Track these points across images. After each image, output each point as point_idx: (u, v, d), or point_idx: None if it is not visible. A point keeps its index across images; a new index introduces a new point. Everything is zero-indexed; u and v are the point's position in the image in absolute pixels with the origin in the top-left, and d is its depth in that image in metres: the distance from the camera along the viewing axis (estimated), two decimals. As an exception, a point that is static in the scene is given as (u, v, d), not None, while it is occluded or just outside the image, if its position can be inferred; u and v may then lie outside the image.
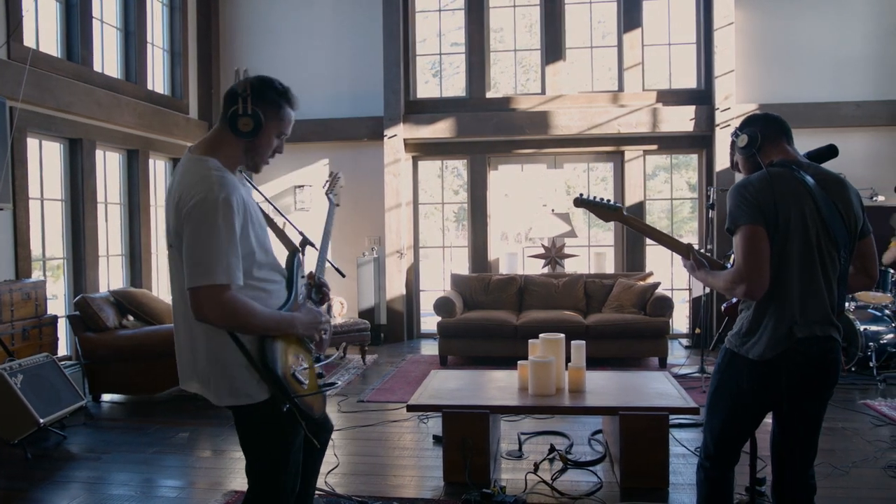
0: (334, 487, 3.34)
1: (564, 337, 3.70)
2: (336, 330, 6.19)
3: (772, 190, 1.98)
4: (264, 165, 1.97)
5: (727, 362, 2.12)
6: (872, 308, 5.65)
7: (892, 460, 3.59)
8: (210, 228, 1.72)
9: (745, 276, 1.96)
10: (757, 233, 1.96)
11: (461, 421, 3.33)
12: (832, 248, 2.01)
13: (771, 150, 2.12)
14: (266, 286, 1.90)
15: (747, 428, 2.18)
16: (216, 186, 1.74)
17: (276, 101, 1.90)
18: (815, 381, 2.04)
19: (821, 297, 2.00)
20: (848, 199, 2.05)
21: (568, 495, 3.21)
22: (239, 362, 1.80)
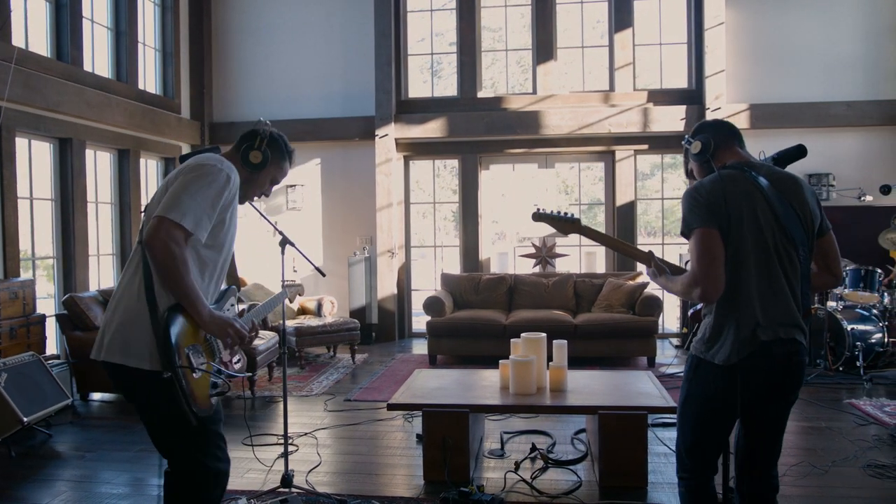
0: (314, 486, 3.35)
1: (546, 336, 3.71)
2: (325, 329, 6.21)
3: (723, 192, 1.97)
4: (248, 201, 2.29)
5: (694, 369, 2.10)
6: (860, 308, 5.66)
7: (872, 459, 3.60)
8: (203, 183, 1.94)
9: (700, 280, 1.94)
10: (710, 235, 1.94)
11: (441, 420, 3.35)
12: (790, 248, 2.00)
13: (724, 154, 2.11)
14: (201, 278, 2.02)
15: (719, 434, 2.13)
16: (226, 165, 2.03)
17: (283, 153, 2.27)
18: (780, 384, 2.01)
19: (783, 298, 1.98)
20: (803, 198, 2.03)
21: (547, 494, 3.22)
22: (143, 325, 1.90)
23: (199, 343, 2.00)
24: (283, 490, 3.21)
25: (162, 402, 1.91)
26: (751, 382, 1.98)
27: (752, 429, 2.11)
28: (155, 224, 1.87)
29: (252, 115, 7.74)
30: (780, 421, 2.10)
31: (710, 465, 2.16)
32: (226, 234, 2.06)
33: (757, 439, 2.11)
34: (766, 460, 2.13)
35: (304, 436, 4.20)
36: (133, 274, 1.98)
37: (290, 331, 6.10)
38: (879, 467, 3.49)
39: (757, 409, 2.04)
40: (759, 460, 2.12)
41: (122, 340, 1.93)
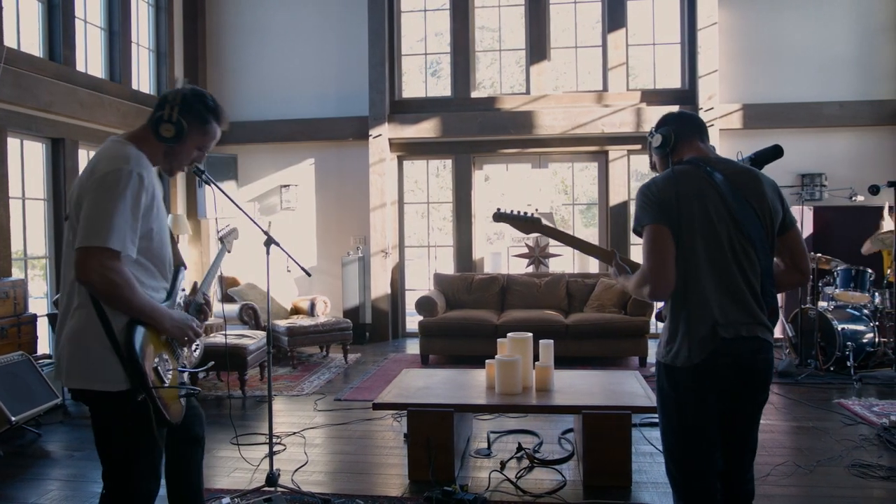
0: (300, 485, 3.36)
1: (532, 336, 3.71)
2: (318, 329, 6.22)
3: (675, 189, 1.93)
4: (179, 171, 2.11)
5: (660, 377, 2.03)
6: (851, 308, 5.66)
7: (857, 459, 3.60)
8: (115, 195, 1.77)
9: (649, 278, 1.91)
10: (660, 233, 1.91)
11: (426, 419, 3.35)
12: (746, 245, 1.94)
13: (684, 148, 2.06)
14: (150, 279, 1.94)
15: (706, 445, 1.97)
16: (132, 162, 1.83)
17: (204, 116, 1.98)
18: (747, 383, 1.96)
19: (741, 296, 1.92)
20: (761, 194, 1.97)
21: (531, 493, 3.23)
22: (102, 345, 1.79)
23: (162, 350, 1.92)
24: (267, 489, 3.22)
25: (130, 425, 1.83)
26: (716, 382, 1.93)
27: (723, 431, 2.02)
28: (80, 260, 1.73)
29: (247, 114, 7.77)
30: (751, 423, 2.04)
31: (706, 481, 1.98)
32: (159, 231, 1.94)
33: (728, 443, 2.03)
34: (741, 463, 2.05)
35: (292, 435, 4.21)
36: (75, 292, 1.84)
37: (282, 330, 6.11)
38: (864, 467, 3.49)
39: (727, 411, 1.98)
40: (732, 465, 2.04)
41: (80, 364, 1.82)
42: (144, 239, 1.87)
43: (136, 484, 1.90)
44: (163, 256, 1.98)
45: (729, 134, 7.13)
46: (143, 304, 1.82)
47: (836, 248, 6.48)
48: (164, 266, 2.00)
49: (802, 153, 7.13)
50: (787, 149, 8.18)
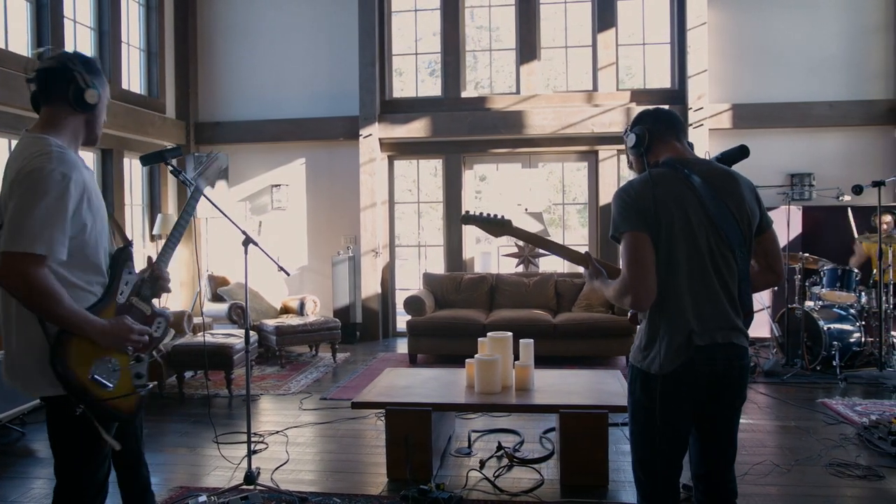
0: (279, 483, 3.38)
1: (513, 335, 3.72)
2: (306, 328, 6.23)
3: (653, 193, 1.89)
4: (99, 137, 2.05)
5: (633, 380, 2.01)
6: (837, 307, 5.67)
7: (835, 458, 3.61)
8: (38, 198, 1.68)
9: (630, 287, 1.87)
10: (639, 240, 1.86)
11: (404, 418, 3.37)
12: (725, 250, 1.91)
13: (660, 148, 2.02)
14: (85, 275, 1.86)
15: (673, 452, 1.97)
16: (55, 159, 1.73)
17: (100, 71, 1.93)
18: (721, 390, 1.94)
19: (718, 302, 1.90)
20: (739, 195, 1.94)
21: (507, 492, 3.24)
22: (41, 349, 1.76)
23: (102, 353, 1.83)
24: (245, 487, 3.23)
25: (76, 427, 1.82)
26: (690, 390, 1.91)
27: (701, 437, 2.04)
28: (5, 263, 1.66)
29: (238, 114, 7.78)
30: (729, 427, 2.02)
31: (671, 487, 2.01)
32: (94, 224, 1.85)
33: (708, 447, 2.04)
34: (721, 467, 2.05)
35: (274, 434, 4.22)
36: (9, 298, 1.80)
37: (271, 329, 6.13)
38: (841, 466, 3.50)
39: (703, 417, 1.98)
40: (712, 467, 2.05)
41: (26, 371, 1.79)
42: (79, 235, 1.80)
43: (84, 481, 1.89)
44: (98, 250, 1.89)
45: (718, 134, 7.14)
46: (70, 316, 1.73)
47: (824, 248, 6.50)
48: (99, 260, 1.90)
49: (792, 153, 7.15)
50: (777, 148, 8.25)
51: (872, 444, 3.79)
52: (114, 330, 1.84)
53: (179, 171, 2.78)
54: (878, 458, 3.63)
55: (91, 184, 1.88)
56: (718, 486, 2.06)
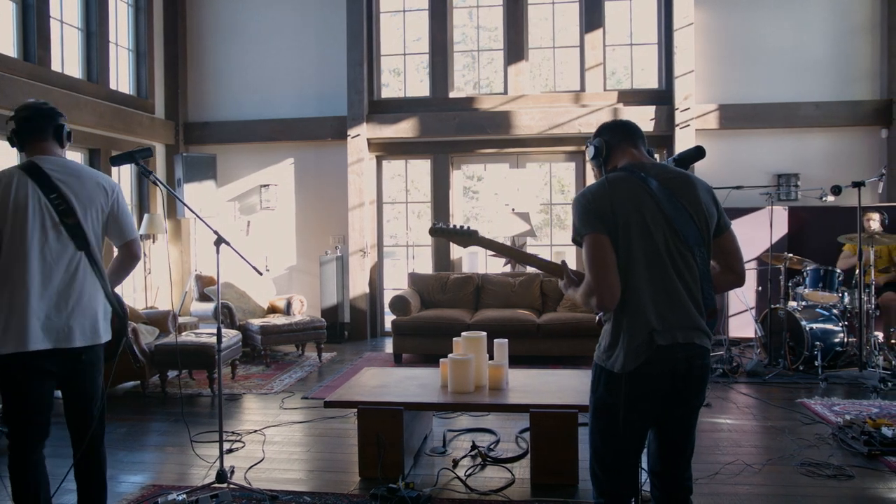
0: (251, 482, 3.39)
1: (486, 335, 3.74)
2: (291, 328, 6.26)
3: (610, 197, 1.94)
4: None
5: (596, 378, 2.05)
6: (820, 308, 5.68)
7: (807, 458, 3.62)
8: None
9: (594, 289, 1.91)
10: (599, 243, 1.91)
11: (375, 417, 3.39)
12: (684, 250, 1.95)
13: (617, 156, 2.09)
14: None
15: (630, 447, 2.02)
16: None
17: None
18: (681, 390, 1.97)
19: (679, 301, 1.93)
20: (696, 197, 1.98)
21: (477, 491, 3.25)
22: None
23: None
24: (217, 486, 3.25)
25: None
26: (652, 389, 1.94)
27: (659, 435, 2.08)
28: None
29: (227, 114, 7.81)
30: (687, 426, 2.05)
31: (627, 483, 2.06)
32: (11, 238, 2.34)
33: (665, 445, 2.07)
34: (677, 464, 2.09)
35: (253, 433, 4.24)
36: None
37: (255, 329, 6.15)
38: (813, 465, 3.51)
39: (662, 415, 2.01)
40: (669, 465, 2.08)
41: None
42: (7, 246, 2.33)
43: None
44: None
45: (705, 134, 7.15)
46: None
47: (810, 248, 6.51)
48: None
49: (778, 153, 7.16)
50: (763, 149, 8.23)
51: (846, 443, 3.81)
52: None
53: (149, 171, 2.89)
54: (851, 457, 3.64)
55: (9, 200, 2.38)
56: (674, 482, 2.11)
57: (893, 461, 3.53)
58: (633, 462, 2.05)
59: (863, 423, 3.84)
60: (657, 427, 2.06)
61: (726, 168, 7.09)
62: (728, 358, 5.61)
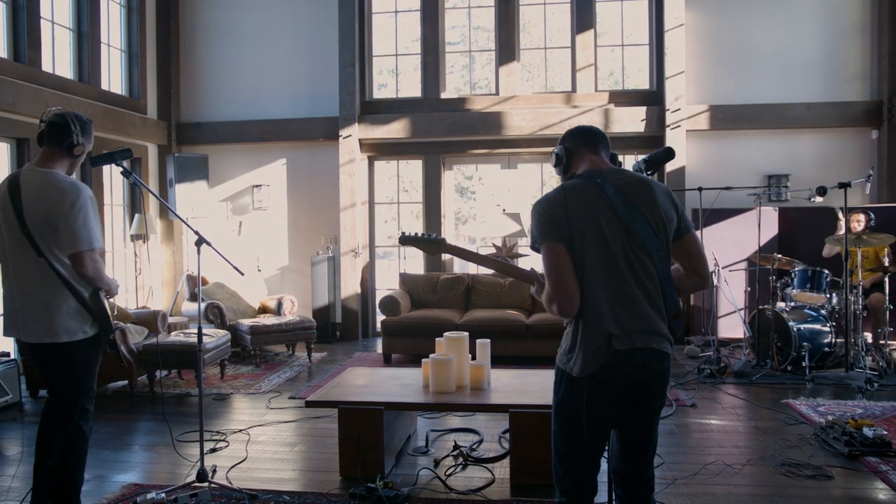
0: (233, 481, 3.41)
1: (468, 335, 3.75)
2: (281, 328, 6.28)
3: (565, 205, 1.96)
4: None
5: (557, 381, 2.07)
6: (808, 308, 5.69)
7: (788, 458, 3.63)
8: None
9: (553, 296, 1.94)
10: (556, 250, 1.94)
11: (356, 417, 3.40)
12: (642, 255, 1.96)
13: (578, 163, 2.11)
14: None
15: (591, 448, 2.04)
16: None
17: (91, 134, 2.80)
18: (640, 394, 1.99)
19: (637, 306, 1.95)
20: (653, 201, 1.99)
21: (456, 491, 3.27)
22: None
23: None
24: (198, 485, 3.26)
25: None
26: (610, 393, 1.96)
27: (620, 437, 2.09)
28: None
29: (219, 115, 7.82)
30: (647, 429, 2.07)
31: (588, 483, 2.08)
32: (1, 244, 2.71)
33: (626, 447, 2.09)
34: (639, 465, 2.10)
35: (238, 432, 4.25)
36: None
37: (245, 329, 6.16)
38: (793, 466, 3.52)
39: (622, 418, 2.03)
40: (631, 466, 2.10)
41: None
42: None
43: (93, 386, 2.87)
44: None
45: (696, 135, 7.16)
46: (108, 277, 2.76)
47: (800, 249, 6.52)
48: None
49: (769, 154, 7.17)
50: (754, 149, 8.24)
51: (828, 444, 3.82)
52: (115, 282, 2.84)
53: (130, 172, 2.93)
54: (832, 458, 3.65)
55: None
56: (635, 482, 2.13)
57: (873, 461, 3.54)
58: (594, 462, 2.07)
59: (845, 423, 3.85)
60: (619, 429, 2.08)
61: (717, 169, 7.10)
62: (716, 358, 5.62)
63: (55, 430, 2.74)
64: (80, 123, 2.71)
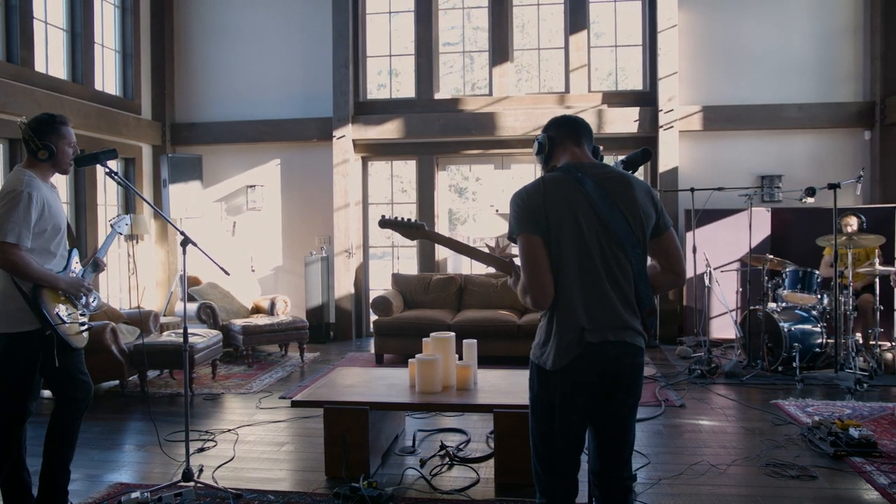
0: (219, 480, 3.42)
1: (454, 336, 3.76)
2: (273, 328, 6.29)
3: (543, 197, 1.96)
4: (70, 167, 2.97)
5: (532, 376, 2.07)
6: (800, 309, 5.70)
7: (773, 458, 3.64)
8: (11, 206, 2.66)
9: (527, 287, 1.95)
10: (532, 242, 1.94)
11: (341, 417, 3.41)
12: (617, 251, 1.96)
13: (559, 154, 2.11)
14: (48, 259, 2.81)
15: (568, 447, 2.03)
16: (24, 184, 2.71)
17: (55, 129, 2.81)
18: (613, 388, 1.99)
19: (609, 301, 1.95)
20: (631, 198, 1.99)
21: (440, 490, 3.28)
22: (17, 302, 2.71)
23: (64, 303, 2.81)
24: (183, 484, 3.27)
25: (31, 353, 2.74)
26: (583, 386, 1.96)
27: (596, 434, 2.09)
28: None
29: (213, 115, 7.84)
30: (623, 426, 2.06)
31: (566, 482, 2.06)
32: (52, 227, 2.79)
33: (602, 444, 2.08)
34: (615, 464, 2.09)
35: (226, 432, 4.26)
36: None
37: (238, 329, 6.18)
38: (778, 466, 3.53)
39: (596, 413, 2.02)
40: (607, 464, 2.09)
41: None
42: (40, 234, 2.74)
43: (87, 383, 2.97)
44: (57, 243, 2.84)
45: (689, 136, 7.17)
46: (41, 275, 2.70)
47: (792, 249, 6.53)
48: (58, 249, 2.85)
49: (762, 155, 7.18)
50: (747, 150, 8.24)
51: (814, 444, 3.82)
52: (72, 281, 2.86)
53: (114, 172, 2.95)
54: (817, 458, 3.66)
55: (52, 201, 2.82)
56: (613, 481, 2.11)
57: (858, 462, 3.55)
58: (572, 461, 2.06)
59: (831, 424, 3.85)
60: (593, 425, 2.08)
61: (710, 169, 7.11)
62: (707, 359, 5.63)
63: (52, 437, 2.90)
64: (37, 128, 2.76)
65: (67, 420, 2.88)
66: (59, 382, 2.86)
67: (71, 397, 2.87)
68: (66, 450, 2.91)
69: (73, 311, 2.86)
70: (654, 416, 4.49)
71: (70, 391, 2.87)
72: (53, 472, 2.88)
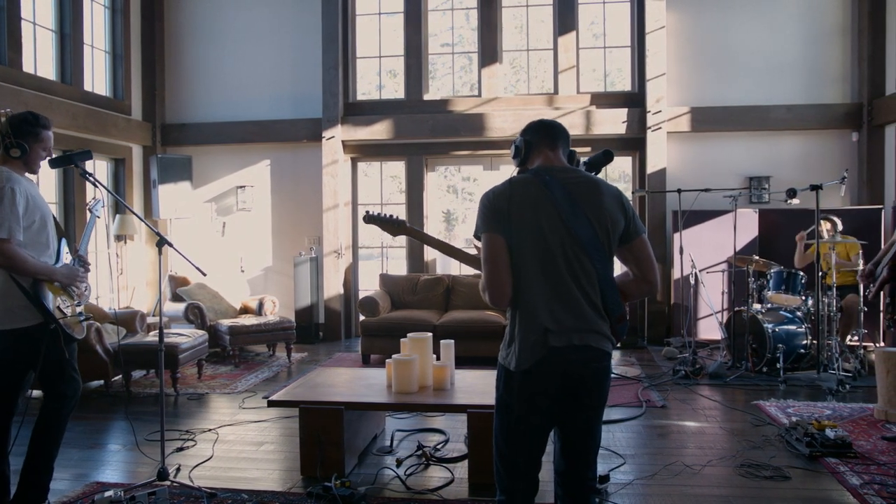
0: (195, 480, 3.43)
1: (431, 336, 3.77)
2: (260, 328, 6.31)
3: (508, 198, 1.98)
4: (39, 168, 2.97)
5: (497, 376, 2.08)
6: (784, 310, 5.71)
7: (748, 459, 3.65)
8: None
9: (486, 285, 1.97)
10: (494, 241, 1.96)
11: (316, 416, 3.43)
12: (581, 254, 1.97)
13: (534, 157, 2.13)
14: (41, 252, 2.84)
15: (531, 445, 2.04)
16: (3, 179, 2.75)
17: (33, 131, 2.84)
18: (577, 391, 2.00)
19: (574, 304, 1.96)
20: (598, 203, 1.99)
21: (414, 490, 3.29)
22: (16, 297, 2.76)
23: (62, 295, 2.87)
24: (158, 483, 3.29)
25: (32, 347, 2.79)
26: (546, 389, 1.97)
27: (561, 436, 2.09)
28: None
29: (203, 116, 7.86)
30: (588, 427, 2.06)
31: (527, 482, 2.08)
32: (40, 219, 2.83)
33: (566, 445, 2.09)
34: (579, 464, 2.10)
35: (207, 432, 4.28)
36: None
37: (224, 329, 6.19)
38: (753, 467, 3.54)
39: (561, 416, 2.03)
40: (571, 465, 2.10)
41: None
42: (29, 227, 2.77)
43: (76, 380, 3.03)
44: (47, 235, 2.87)
45: (677, 137, 7.19)
46: (37, 269, 2.75)
47: (779, 250, 6.54)
48: (49, 240, 2.89)
49: (750, 156, 7.19)
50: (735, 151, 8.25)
51: (791, 445, 3.83)
52: (68, 272, 2.91)
53: (89, 173, 2.98)
54: (793, 458, 3.67)
55: (34, 194, 2.84)
56: (577, 482, 2.12)
57: (832, 462, 3.56)
58: (534, 461, 2.07)
59: (808, 424, 3.87)
60: (558, 427, 2.09)
61: (698, 170, 7.13)
62: (691, 360, 5.64)
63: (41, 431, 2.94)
64: (16, 125, 2.80)
65: (55, 417, 2.91)
66: (51, 378, 2.89)
67: (61, 393, 2.91)
68: (52, 447, 2.94)
69: (71, 303, 2.91)
70: (634, 416, 4.50)
71: (60, 387, 2.91)
72: (37, 470, 2.90)
